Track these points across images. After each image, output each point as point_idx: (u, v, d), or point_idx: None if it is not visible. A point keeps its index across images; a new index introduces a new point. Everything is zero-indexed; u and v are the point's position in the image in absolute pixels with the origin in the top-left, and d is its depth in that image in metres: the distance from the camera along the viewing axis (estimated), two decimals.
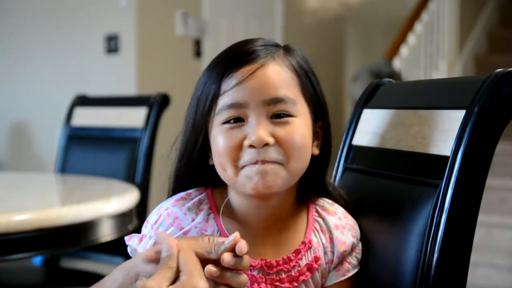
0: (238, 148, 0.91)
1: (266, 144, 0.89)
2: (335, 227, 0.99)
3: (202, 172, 0.98)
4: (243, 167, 0.91)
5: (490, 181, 0.97)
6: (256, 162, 0.89)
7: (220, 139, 0.92)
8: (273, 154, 0.90)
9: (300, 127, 0.92)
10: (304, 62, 0.97)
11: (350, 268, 0.99)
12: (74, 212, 1.54)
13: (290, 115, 0.92)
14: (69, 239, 1.59)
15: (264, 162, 0.89)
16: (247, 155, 0.90)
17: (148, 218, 0.97)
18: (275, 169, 0.90)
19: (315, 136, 0.98)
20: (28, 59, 4.43)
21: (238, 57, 0.93)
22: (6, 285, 1.99)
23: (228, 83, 0.92)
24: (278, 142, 0.90)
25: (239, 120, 0.91)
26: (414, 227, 0.92)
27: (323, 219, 1.00)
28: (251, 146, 0.90)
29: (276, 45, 0.97)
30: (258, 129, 0.89)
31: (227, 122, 0.92)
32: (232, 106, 0.91)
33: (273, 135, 0.90)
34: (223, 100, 0.92)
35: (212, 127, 0.94)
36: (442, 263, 0.87)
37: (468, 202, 0.88)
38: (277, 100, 0.91)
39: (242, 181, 0.91)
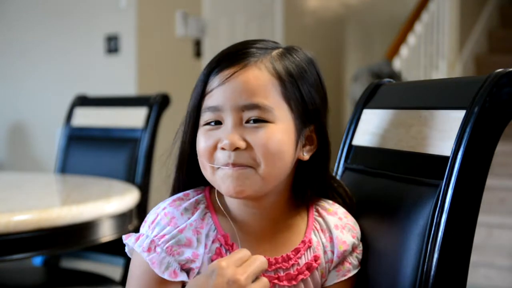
0: (213, 149, 0.93)
1: (238, 148, 0.90)
2: (335, 227, 0.99)
3: (199, 171, 0.99)
4: (218, 168, 0.93)
5: (490, 181, 0.97)
6: (227, 164, 0.91)
7: (201, 140, 0.94)
8: (244, 158, 0.91)
9: (276, 133, 0.92)
10: (297, 66, 0.96)
11: (350, 269, 0.99)
12: (74, 212, 1.54)
13: (265, 121, 0.92)
14: (69, 239, 1.59)
15: (234, 165, 0.91)
16: (220, 157, 0.92)
17: (146, 218, 0.98)
18: (245, 173, 0.91)
19: (308, 140, 0.98)
20: (28, 59, 4.43)
21: (222, 58, 0.94)
22: (6, 285, 1.99)
23: (211, 85, 0.94)
24: (251, 146, 0.91)
25: (218, 123, 0.93)
26: (414, 227, 0.92)
27: (323, 218, 1.00)
28: (223, 148, 0.91)
29: (272, 48, 0.96)
30: (231, 133, 0.91)
31: (208, 123, 0.94)
32: (210, 109, 0.93)
33: (245, 140, 0.91)
34: (206, 101, 0.94)
35: (199, 127, 0.96)
36: (442, 263, 0.87)
37: (468, 202, 0.88)
38: (252, 106, 0.91)
39: (217, 183, 0.94)
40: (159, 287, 0.93)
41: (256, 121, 0.92)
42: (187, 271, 0.94)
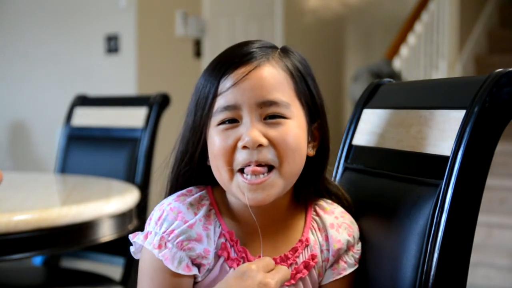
0: (232, 150, 0.92)
1: (260, 146, 0.90)
2: (331, 225, 1.00)
3: (202, 172, 0.99)
4: (237, 171, 0.92)
5: (490, 181, 0.97)
6: (249, 163, 0.90)
7: (216, 140, 0.93)
8: (267, 155, 0.91)
9: (294, 129, 0.93)
10: (301, 63, 0.98)
11: (346, 267, 1.00)
12: (74, 212, 1.54)
13: (283, 117, 0.92)
14: (69, 239, 1.59)
15: (258, 162, 0.90)
16: (241, 157, 0.91)
17: (150, 216, 0.98)
18: (270, 182, 0.91)
19: (312, 137, 0.99)
20: (28, 59, 4.43)
21: (234, 58, 0.94)
22: (6, 285, 1.99)
23: (224, 85, 0.93)
24: (272, 143, 0.91)
25: (234, 121, 0.93)
26: (414, 227, 0.92)
27: (320, 218, 1.01)
28: (244, 147, 0.91)
29: (273, 47, 0.98)
30: (252, 130, 0.90)
31: (223, 123, 0.93)
32: (227, 108, 0.92)
33: (266, 136, 0.91)
34: (219, 102, 0.93)
35: (209, 128, 0.95)
36: (442, 263, 0.87)
37: (468, 202, 0.88)
38: (270, 103, 0.92)
39: (236, 192, 0.93)
40: (173, 281, 0.93)
41: (275, 117, 0.92)
42: (197, 266, 0.94)
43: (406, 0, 5.65)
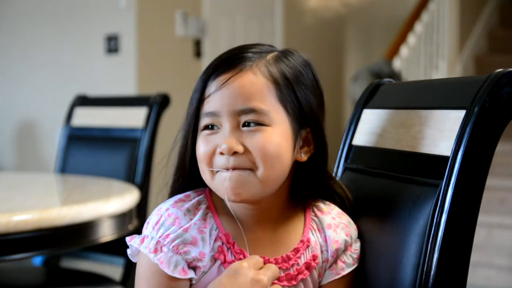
0: (212, 154, 0.94)
1: (236, 152, 0.92)
2: (328, 226, 1.00)
3: (198, 175, 0.99)
4: (217, 172, 0.94)
5: (490, 181, 0.97)
6: (226, 168, 0.92)
7: (200, 145, 0.96)
8: (243, 162, 0.92)
9: (273, 136, 0.93)
10: (293, 70, 0.96)
11: (344, 267, 1.00)
12: (74, 212, 1.54)
13: (262, 124, 0.93)
14: (69, 239, 1.59)
15: (234, 168, 0.92)
16: (219, 161, 0.93)
17: (148, 220, 0.98)
18: (244, 176, 0.92)
19: (305, 142, 0.99)
20: (28, 60, 4.43)
21: (219, 64, 0.95)
22: (6, 285, 1.99)
23: (209, 90, 0.95)
24: (249, 150, 0.92)
25: (216, 127, 0.95)
26: (414, 227, 0.92)
27: (318, 218, 1.01)
28: (222, 153, 0.92)
29: (268, 51, 0.97)
30: (228, 138, 0.92)
31: (206, 128, 0.95)
32: (208, 114, 0.95)
33: (243, 144, 0.92)
34: (204, 107, 0.95)
35: (198, 131, 0.97)
36: (442, 263, 0.87)
37: (468, 202, 0.88)
38: (248, 110, 0.92)
39: (216, 187, 0.95)
40: (169, 285, 0.93)
41: (253, 124, 0.93)
42: (193, 269, 0.95)
43: (406, 0, 5.65)
